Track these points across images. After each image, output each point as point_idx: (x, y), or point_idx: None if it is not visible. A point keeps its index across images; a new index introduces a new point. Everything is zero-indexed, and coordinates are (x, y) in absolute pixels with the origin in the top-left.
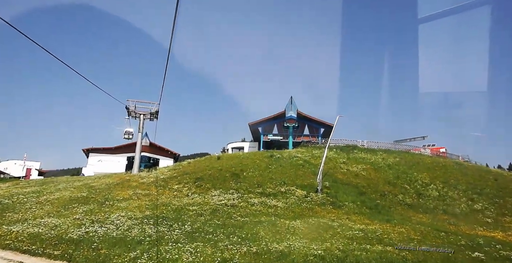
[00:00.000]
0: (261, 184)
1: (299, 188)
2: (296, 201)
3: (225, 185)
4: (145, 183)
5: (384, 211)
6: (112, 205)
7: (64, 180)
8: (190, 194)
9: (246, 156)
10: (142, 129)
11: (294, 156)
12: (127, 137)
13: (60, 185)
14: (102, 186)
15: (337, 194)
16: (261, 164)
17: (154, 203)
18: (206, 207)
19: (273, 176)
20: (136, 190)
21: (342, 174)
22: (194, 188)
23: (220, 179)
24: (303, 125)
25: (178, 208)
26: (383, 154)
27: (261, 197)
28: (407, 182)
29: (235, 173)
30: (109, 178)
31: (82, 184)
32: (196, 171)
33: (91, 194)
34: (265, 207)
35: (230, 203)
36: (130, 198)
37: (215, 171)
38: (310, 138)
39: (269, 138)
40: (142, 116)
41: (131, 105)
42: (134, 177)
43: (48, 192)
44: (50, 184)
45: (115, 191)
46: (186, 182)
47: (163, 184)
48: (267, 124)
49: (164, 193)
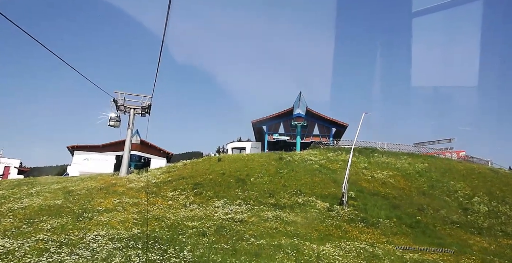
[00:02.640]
0: (273, 193)
1: (319, 199)
2: (318, 216)
3: (230, 193)
4: (134, 188)
5: (429, 231)
6: (91, 218)
7: (42, 182)
8: (188, 204)
9: (251, 158)
10: (132, 126)
11: (307, 159)
12: (113, 124)
13: (34, 188)
14: (83, 192)
15: (366, 207)
16: (270, 168)
17: (144, 217)
18: (209, 222)
19: (286, 183)
20: (123, 198)
21: (366, 182)
22: (192, 197)
23: (223, 186)
24: (312, 124)
25: (174, 224)
26: (408, 158)
27: (274, 209)
28: (445, 193)
29: (240, 179)
30: (92, 181)
31: (60, 188)
32: (194, 175)
33: (67, 202)
34: (281, 223)
35: (238, 217)
36: (115, 208)
37: (216, 176)
38: (320, 139)
39: (275, 138)
40: (132, 110)
41: (120, 98)
42: (122, 180)
43: (17, 198)
44: (24, 186)
45: (97, 198)
46: (183, 188)
47: (155, 190)
48: (272, 122)
49: (156, 202)
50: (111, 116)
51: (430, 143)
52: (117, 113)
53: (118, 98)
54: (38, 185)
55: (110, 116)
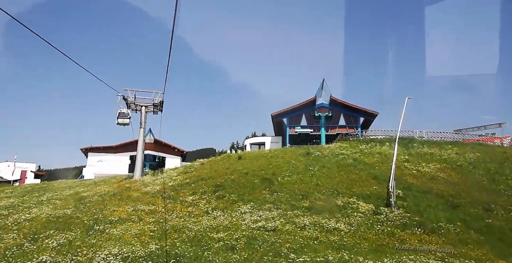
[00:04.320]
0: (306, 195)
1: (361, 200)
2: (364, 221)
3: (256, 195)
4: (150, 193)
5: (508, 238)
6: (103, 231)
7: (55, 187)
8: (211, 211)
9: (275, 154)
10: (145, 124)
11: (338, 153)
12: (122, 121)
13: (45, 195)
14: (95, 198)
15: (419, 208)
16: (297, 165)
17: (162, 228)
18: (237, 233)
19: (319, 182)
20: (138, 205)
21: (412, 177)
22: (214, 201)
23: (248, 187)
24: (337, 114)
25: (197, 236)
26: (453, 148)
27: (310, 214)
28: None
29: (266, 178)
30: (106, 185)
31: (72, 194)
32: (214, 176)
33: (77, 212)
34: (321, 231)
35: (270, 225)
36: (129, 218)
37: (239, 176)
38: (347, 130)
39: (297, 131)
40: (143, 108)
41: (130, 95)
42: (136, 184)
43: (26, 207)
44: (35, 193)
45: (110, 205)
46: (203, 191)
47: (172, 194)
48: (293, 114)
49: (174, 208)
50: (119, 112)
51: (475, 129)
52: (127, 110)
53: (128, 95)
54: (50, 191)
55: (118, 113)
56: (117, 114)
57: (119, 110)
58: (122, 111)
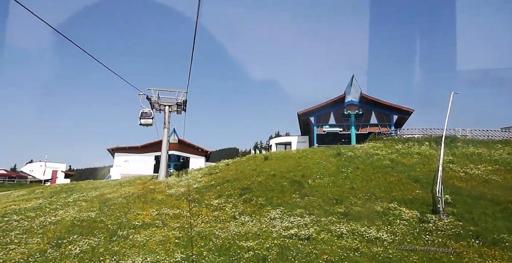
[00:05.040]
0: (341, 199)
1: (403, 206)
2: (409, 230)
3: (286, 199)
4: (174, 195)
5: None
6: (126, 237)
7: (82, 187)
8: (238, 215)
9: (303, 155)
10: (169, 124)
11: (373, 153)
12: (145, 122)
13: (72, 196)
14: (119, 200)
15: (473, 216)
16: (328, 167)
17: (188, 234)
18: (268, 242)
19: (353, 185)
20: (162, 208)
21: (460, 181)
22: (241, 205)
23: (276, 190)
24: (368, 112)
25: (225, 244)
26: (504, 147)
27: (347, 221)
28: None
29: (295, 181)
30: (131, 187)
31: (97, 195)
32: (240, 178)
33: (102, 215)
34: (361, 241)
35: (303, 233)
36: (153, 223)
37: (266, 178)
38: (379, 128)
39: (325, 130)
40: (167, 107)
41: (154, 95)
42: (160, 185)
43: (52, 208)
44: (63, 194)
45: (134, 208)
46: (229, 194)
47: (197, 197)
48: (321, 112)
49: (200, 212)
50: (142, 112)
51: None
52: (150, 110)
53: (152, 95)
54: (77, 192)
55: (141, 113)
56: (140, 114)
57: (141, 110)
58: (145, 111)
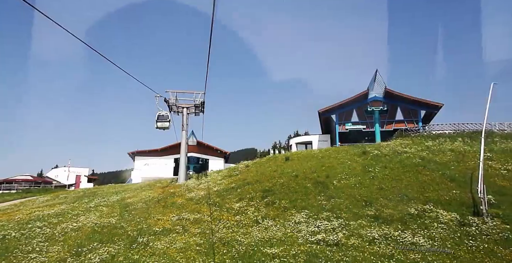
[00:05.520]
0: (370, 201)
1: (440, 207)
2: (449, 235)
3: (310, 202)
4: (194, 199)
5: None
6: (146, 244)
7: (104, 192)
8: (261, 220)
9: (326, 154)
10: (187, 126)
11: (401, 151)
12: (161, 125)
13: (93, 201)
14: (139, 205)
15: None
16: (354, 166)
17: (209, 241)
18: (293, 248)
19: (382, 185)
20: (182, 213)
21: (503, 179)
22: (264, 208)
23: (300, 192)
24: (394, 108)
25: (248, 251)
26: None
27: (378, 225)
28: None
29: (319, 182)
30: (151, 190)
31: (118, 200)
32: (261, 180)
33: (122, 221)
34: (396, 246)
35: (331, 239)
36: (173, 229)
37: (288, 179)
38: (405, 125)
39: (347, 128)
40: (185, 109)
41: (171, 97)
42: (180, 188)
43: (74, 214)
44: (85, 199)
45: (154, 213)
46: (251, 197)
47: (218, 201)
48: (343, 110)
49: (221, 217)
50: (158, 114)
51: None
52: (166, 112)
53: (170, 97)
54: (99, 196)
55: (157, 115)
56: (156, 117)
57: (158, 112)
58: (161, 114)
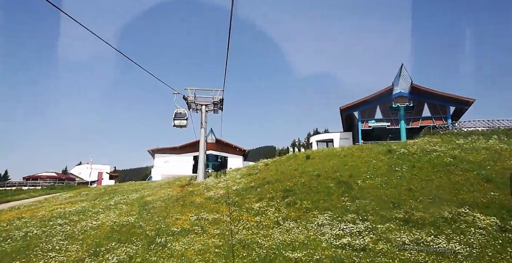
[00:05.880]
0: (398, 202)
1: (477, 211)
2: (489, 241)
3: (334, 203)
4: (213, 198)
5: None
6: (164, 245)
7: (124, 189)
8: (282, 221)
9: (349, 152)
10: (206, 124)
11: (430, 150)
12: (179, 124)
13: (113, 199)
14: (158, 204)
15: None
16: (379, 165)
17: (228, 242)
18: (317, 252)
19: (411, 186)
20: (201, 213)
21: None
22: (284, 209)
23: (322, 192)
24: (420, 104)
25: (269, 254)
26: None
27: (408, 229)
28: None
29: (342, 181)
30: (170, 188)
31: (137, 198)
32: (281, 179)
33: (140, 220)
34: (429, 253)
35: (357, 243)
36: (192, 229)
37: (309, 178)
38: (433, 122)
39: (371, 125)
40: (204, 107)
41: (190, 95)
42: (199, 187)
43: (94, 212)
44: (105, 196)
45: (173, 212)
46: (271, 197)
47: (237, 200)
48: (366, 106)
49: (241, 217)
50: (176, 112)
51: None
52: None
53: (189, 95)
54: (119, 194)
55: (175, 113)
56: (174, 115)
57: (175, 110)
58: (179, 112)
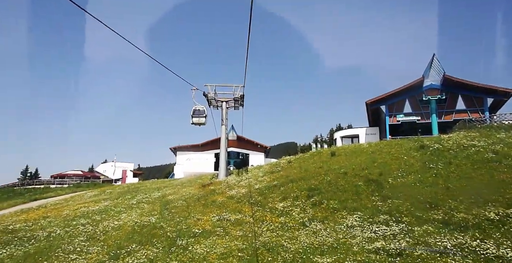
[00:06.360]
0: (435, 203)
1: None
2: None
3: (363, 203)
4: (235, 197)
5: None
6: (185, 248)
7: (147, 187)
8: (308, 222)
9: (377, 149)
10: (227, 121)
11: (467, 145)
12: (197, 121)
13: (136, 198)
14: (179, 203)
15: None
16: (411, 162)
17: (252, 245)
18: (348, 257)
19: (449, 185)
20: (223, 213)
21: None
22: (310, 209)
23: (350, 191)
24: (454, 97)
25: (296, 259)
26: None
27: (449, 231)
28: None
29: (371, 180)
30: (191, 187)
31: (159, 197)
32: (306, 177)
33: (162, 220)
34: (476, 260)
35: (392, 247)
36: (213, 231)
37: (336, 177)
38: (468, 115)
39: (399, 119)
40: (224, 104)
41: (210, 91)
42: (221, 185)
43: (116, 211)
44: (128, 195)
45: (195, 211)
46: (295, 196)
47: (260, 199)
48: (394, 100)
49: (264, 218)
50: (194, 109)
51: None
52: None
53: (209, 91)
54: (141, 192)
55: (193, 110)
56: (192, 112)
57: (194, 107)
58: (197, 108)
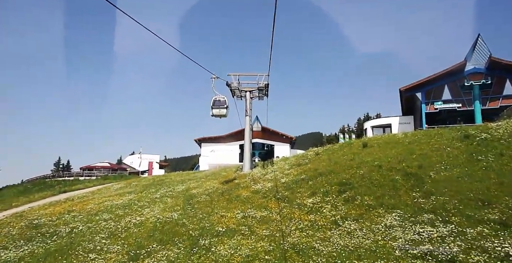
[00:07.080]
0: (488, 200)
1: None
2: None
3: (403, 199)
4: (260, 192)
5: None
6: (208, 249)
7: (171, 180)
8: (341, 221)
9: (414, 139)
10: (250, 111)
11: None
12: (218, 113)
13: (159, 191)
14: (203, 198)
15: None
16: (455, 154)
17: (280, 247)
18: None
19: (504, 180)
20: (248, 209)
21: None
22: (342, 206)
23: (386, 186)
24: (501, 81)
25: None
26: None
27: (509, 234)
28: None
29: (410, 173)
30: (215, 180)
31: (183, 190)
32: (335, 170)
33: (184, 216)
34: None
35: (441, 252)
36: (238, 229)
37: (369, 170)
38: None
39: (437, 107)
40: (248, 93)
41: (234, 81)
42: (245, 179)
43: (139, 206)
44: (152, 188)
45: (218, 207)
46: (325, 191)
47: (287, 195)
48: (431, 86)
49: (292, 215)
50: (214, 99)
51: None
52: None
53: (232, 81)
54: (165, 186)
55: (213, 100)
56: (212, 103)
57: (213, 97)
58: (218, 99)
